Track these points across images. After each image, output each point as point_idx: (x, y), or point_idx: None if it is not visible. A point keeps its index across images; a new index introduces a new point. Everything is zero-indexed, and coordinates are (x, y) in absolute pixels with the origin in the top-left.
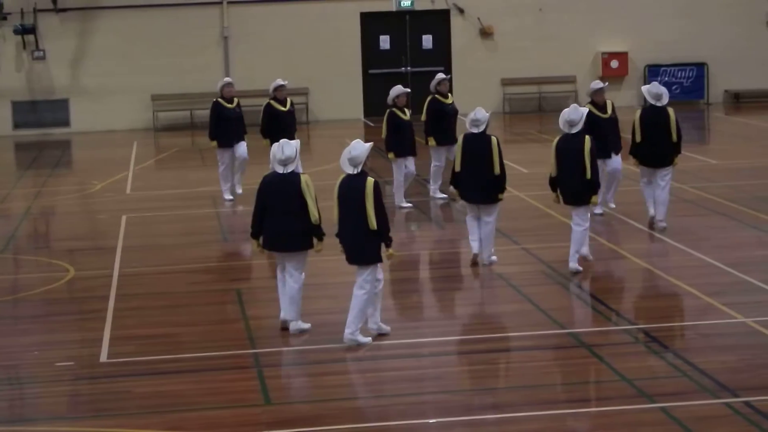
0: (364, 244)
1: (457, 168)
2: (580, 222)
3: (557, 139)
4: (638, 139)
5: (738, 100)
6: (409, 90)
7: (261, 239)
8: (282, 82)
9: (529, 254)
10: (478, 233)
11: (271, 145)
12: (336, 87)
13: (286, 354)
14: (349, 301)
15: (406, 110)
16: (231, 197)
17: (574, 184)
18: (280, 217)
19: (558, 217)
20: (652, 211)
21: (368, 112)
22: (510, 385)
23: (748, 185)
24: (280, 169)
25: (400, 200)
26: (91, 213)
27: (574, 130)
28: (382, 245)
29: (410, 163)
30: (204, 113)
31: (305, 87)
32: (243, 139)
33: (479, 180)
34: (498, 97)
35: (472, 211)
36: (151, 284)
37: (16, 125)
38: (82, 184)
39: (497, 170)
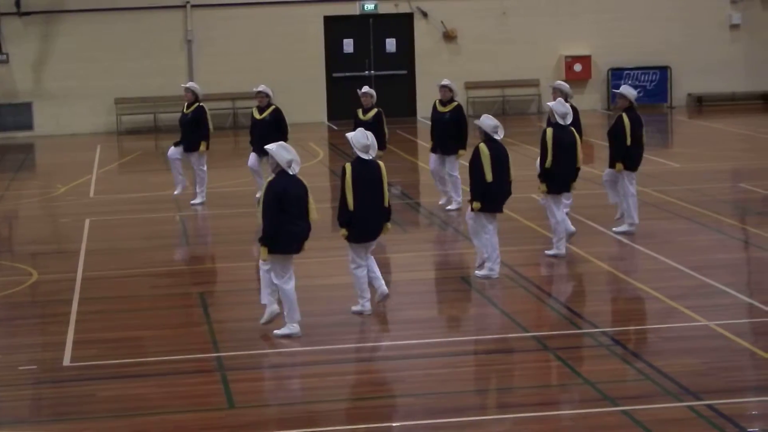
0: (380, 220)
1: (489, 178)
2: (568, 205)
3: (551, 131)
4: (629, 143)
5: (701, 104)
6: (370, 91)
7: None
8: (257, 89)
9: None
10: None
11: (253, 152)
12: (300, 90)
13: (250, 358)
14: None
15: (371, 111)
16: (194, 200)
17: (567, 172)
18: (299, 219)
19: (521, 221)
20: (635, 215)
21: (332, 115)
22: (473, 388)
23: (710, 188)
24: (290, 170)
25: None
26: (54, 216)
27: (568, 121)
28: None
29: None
30: (167, 116)
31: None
32: (191, 147)
33: (505, 188)
34: (462, 101)
35: (492, 223)
36: (115, 288)
37: None
38: (45, 188)
39: (511, 177)
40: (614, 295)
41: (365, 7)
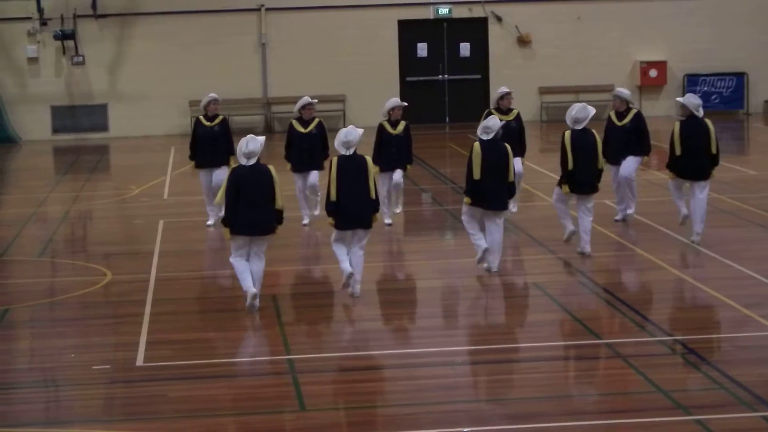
0: (366, 211)
1: (477, 176)
2: (591, 209)
3: (568, 134)
4: (678, 152)
5: None
6: (404, 103)
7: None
8: (309, 100)
9: (565, 263)
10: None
11: (296, 170)
12: (373, 94)
13: (322, 360)
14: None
15: (400, 123)
16: (210, 222)
17: (588, 175)
18: (256, 205)
19: (594, 226)
20: (685, 210)
21: (404, 119)
22: (545, 394)
23: None
24: (243, 161)
25: (385, 214)
26: (128, 217)
27: (583, 126)
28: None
29: (397, 175)
30: (240, 119)
31: (342, 94)
32: (222, 163)
33: (499, 186)
34: (535, 106)
35: (477, 216)
36: (188, 289)
37: (55, 130)
38: (119, 189)
39: (511, 178)
40: (687, 303)
41: (439, 11)
